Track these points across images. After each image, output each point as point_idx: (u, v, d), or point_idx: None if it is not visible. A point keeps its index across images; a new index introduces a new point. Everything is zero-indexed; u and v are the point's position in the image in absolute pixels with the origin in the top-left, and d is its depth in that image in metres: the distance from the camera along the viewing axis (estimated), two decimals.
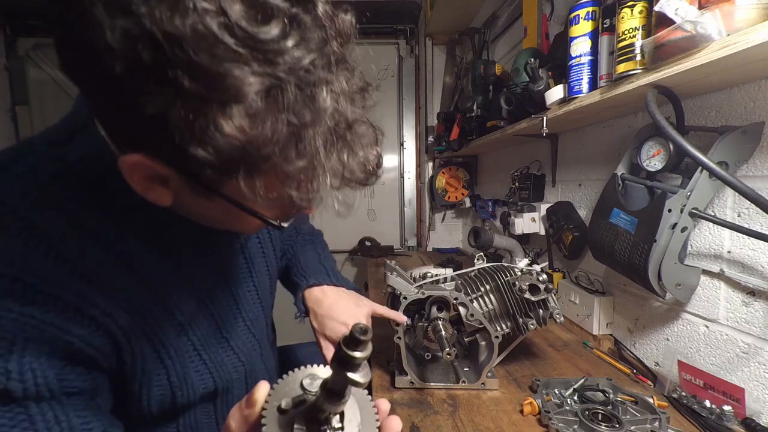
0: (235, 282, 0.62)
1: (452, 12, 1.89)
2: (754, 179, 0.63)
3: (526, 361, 0.85)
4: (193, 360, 0.54)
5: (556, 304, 0.75)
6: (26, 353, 0.38)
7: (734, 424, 0.61)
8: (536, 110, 0.95)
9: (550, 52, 1.06)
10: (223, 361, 0.59)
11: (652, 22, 0.60)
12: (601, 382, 0.70)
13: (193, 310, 0.54)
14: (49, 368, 0.40)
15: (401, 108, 2.44)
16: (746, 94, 0.64)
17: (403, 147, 2.47)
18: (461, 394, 0.73)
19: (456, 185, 2.15)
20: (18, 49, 2.21)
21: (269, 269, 0.71)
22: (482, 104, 1.47)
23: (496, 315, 0.78)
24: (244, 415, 0.33)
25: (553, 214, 1.15)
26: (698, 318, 0.74)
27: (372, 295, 1.41)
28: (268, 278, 0.71)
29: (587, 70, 0.76)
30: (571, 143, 1.16)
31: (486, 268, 0.83)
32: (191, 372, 0.54)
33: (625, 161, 0.82)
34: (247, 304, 0.64)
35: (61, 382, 0.41)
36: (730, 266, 0.67)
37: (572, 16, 0.77)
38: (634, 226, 0.74)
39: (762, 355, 0.62)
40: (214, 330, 0.58)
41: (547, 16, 1.22)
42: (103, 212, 0.45)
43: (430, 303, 0.75)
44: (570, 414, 0.63)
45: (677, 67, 0.55)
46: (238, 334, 0.62)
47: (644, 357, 0.86)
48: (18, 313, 0.38)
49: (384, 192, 2.52)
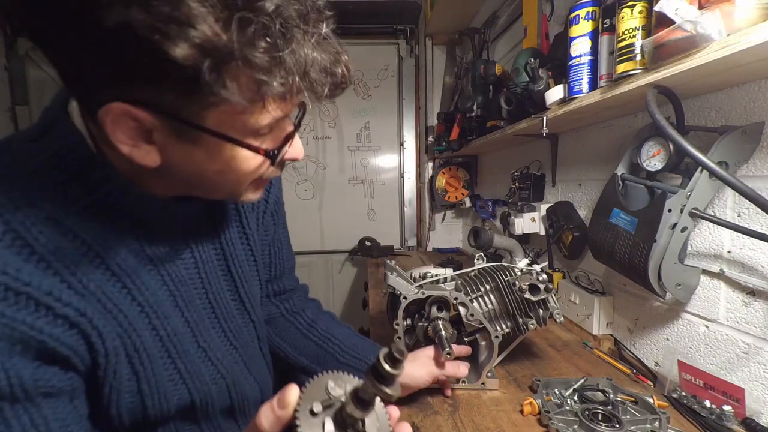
0: (215, 290, 0.60)
1: (452, 12, 1.89)
2: (754, 179, 0.63)
3: (526, 361, 0.85)
4: (168, 368, 0.52)
5: (556, 304, 0.75)
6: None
7: (734, 424, 0.61)
8: (536, 110, 0.95)
9: (550, 52, 1.06)
10: (200, 371, 0.56)
11: (652, 22, 0.60)
12: (601, 382, 0.70)
13: (169, 315, 0.53)
14: (23, 368, 0.39)
15: (401, 108, 2.44)
16: (746, 94, 0.64)
17: (403, 147, 2.47)
18: (461, 394, 0.73)
19: (456, 185, 2.15)
20: (18, 49, 2.21)
21: (259, 272, 0.68)
22: (482, 104, 1.47)
23: (496, 315, 0.78)
24: (277, 415, 0.34)
25: (553, 214, 1.15)
26: (698, 318, 0.74)
27: (372, 295, 1.41)
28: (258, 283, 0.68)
29: (587, 70, 0.76)
30: (571, 143, 1.16)
31: (486, 268, 0.83)
32: (165, 381, 0.52)
33: (625, 161, 0.82)
34: (229, 315, 0.62)
35: (36, 381, 0.40)
36: (730, 266, 0.67)
37: (572, 16, 0.77)
38: (634, 226, 0.74)
39: (762, 355, 0.62)
40: (190, 338, 0.55)
41: (547, 16, 1.22)
42: (80, 207, 0.44)
43: (430, 303, 0.75)
44: (570, 414, 0.63)
45: (677, 67, 0.55)
46: (216, 344, 0.59)
47: (644, 357, 0.86)
48: None
49: (384, 192, 2.52)
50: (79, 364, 0.44)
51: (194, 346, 0.56)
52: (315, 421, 0.33)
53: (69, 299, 0.42)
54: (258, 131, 0.42)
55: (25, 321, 0.39)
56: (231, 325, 0.62)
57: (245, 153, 0.42)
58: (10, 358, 0.38)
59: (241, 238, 0.65)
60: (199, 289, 0.58)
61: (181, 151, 0.41)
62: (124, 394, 0.48)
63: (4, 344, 0.38)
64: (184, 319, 0.55)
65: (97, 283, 0.45)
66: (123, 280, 0.47)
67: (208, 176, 0.45)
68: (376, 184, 2.52)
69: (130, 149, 0.39)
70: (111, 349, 0.46)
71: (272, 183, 0.71)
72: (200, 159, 0.42)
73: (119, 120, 0.37)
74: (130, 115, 0.37)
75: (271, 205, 0.71)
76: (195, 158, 0.42)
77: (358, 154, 2.48)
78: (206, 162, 0.43)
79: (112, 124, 0.37)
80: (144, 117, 0.37)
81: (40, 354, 0.41)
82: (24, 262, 0.40)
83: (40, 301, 0.40)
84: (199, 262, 0.58)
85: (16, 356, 0.39)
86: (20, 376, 0.39)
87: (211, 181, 0.46)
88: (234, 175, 0.45)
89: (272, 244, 0.74)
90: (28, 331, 0.39)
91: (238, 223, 0.64)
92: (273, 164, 0.46)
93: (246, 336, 0.64)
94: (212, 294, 0.60)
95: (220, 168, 0.43)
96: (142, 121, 0.38)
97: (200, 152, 0.41)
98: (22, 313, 0.39)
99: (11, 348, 0.39)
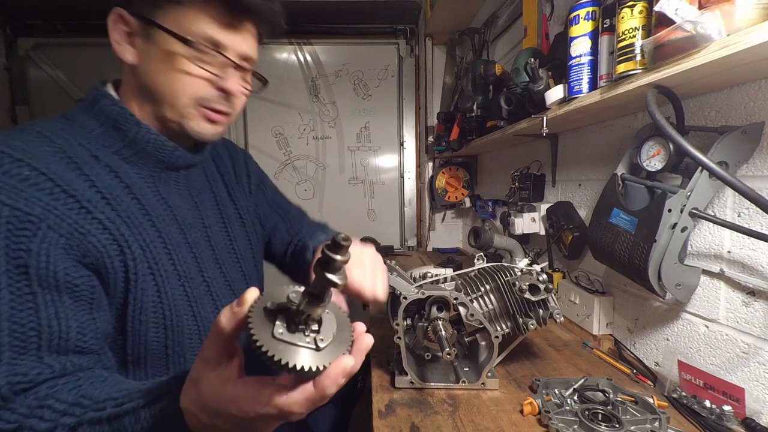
0: (216, 240, 0.72)
1: (452, 12, 1.89)
2: (754, 179, 0.63)
3: (526, 361, 0.85)
4: (178, 289, 0.61)
5: (556, 304, 0.75)
6: (47, 238, 0.47)
7: (734, 424, 0.61)
8: (536, 110, 0.95)
9: (550, 52, 1.06)
10: (203, 301, 0.65)
11: (652, 22, 0.60)
12: (601, 382, 0.70)
13: (180, 246, 0.63)
14: (62, 260, 0.48)
15: (401, 108, 2.44)
16: (746, 94, 0.64)
17: (403, 147, 2.46)
18: (461, 394, 0.73)
19: (456, 185, 2.15)
20: (18, 49, 2.21)
21: (251, 241, 0.80)
22: (482, 104, 1.47)
23: (496, 315, 0.78)
24: (234, 312, 0.35)
25: (553, 214, 1.15)
26: (698, 318, 0.74)
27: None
28: (250, 250, 0.80)
29: (587, 70, 0.76)
30: (571, 143, 1.16)
31: (486, 268, 0.83)
32: (178, 300, 0.60)
33: (625, 161, 0.82)
34: (228, 263, 0.73)
35: (66, 276, 0.49)
36: (730, 266, 0.67)
37: (572, 16, 0.77)
38: (634, 226, 0.74)
39: (762, 355, 0.62)
40: (196, 270, 0.65)
41: (547, 16, 1.22)
42: (115, 150, 0.59)
43: (430, 303, 0.75)
44: (570, 414, 0.63)
45: (677, 67, 0.55)
46: (219, 284, 0.69)
47: (644, 357, 0.86)
48: (45, 203, 0.48)
49: (384, 192, 2.52)
50: (109, 266, 0.53)
51: (200, 278, 0.65)
52: (266, 319, 0.33)
53: (103, 209, 0.53)
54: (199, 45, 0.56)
55: (70, 216, 0.50)
56: (230, 272, 0.73)
57: (180, 49, 0.56)
58: (56, 249, 0.48)
59: (231, 203, 0.79)
60: (203, 234, 0.69)
61: (146, 51, 0.58)
62: (148, 303, 0.57)
63: (54, 234, 0.48)
64: (192, 254, 0.65)
65: (126, 205, 0.57)
66: (146, 208, 0.59)
67: (159, 82, 0.58)
68: (376, 184, 2.51)
69: (120, 49, 0.58)
70: (137, 255, 0.56)
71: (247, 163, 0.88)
72: (154, 57, 0.57)
73: (117, 23, 0.57)
74: (122, 19, 0.57)
75: (253, 178, 0.88)
76: (151, 57, 0.57)
77: (358, 154, 2.48)
78: (157, 60, 0.57)
79: (113, 24, 0.57)
80: (129, 19, 0.57)
81: (79, 250, 0.50)
82: (74, 177, 0.52)
83: (82, 204, 0.51)
84: (202, 212, 0.70)
85: (60, 248, 0.48)
86: (56, 265, 0.48)
87: (161, 89, 0.58)
88: (175, 80, 0.57)
89: (271, 207, 0.91)
90: (73, 226, 0.50)
91: (227, 192, 0.79)
92: (194, 61, 0.57)
93: (243, 285, 0.74)
94: (214, 242, 0.71)
95: (165, 66, 0.57)
96: (129, 24, 0.57)
97: (154, 49, 0.57)
98: (69, 211, 0.50)
99: (58, 239, 0.48)
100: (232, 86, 0.60)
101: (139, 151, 0.60)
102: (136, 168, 0.61)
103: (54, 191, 0.49)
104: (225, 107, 0.62)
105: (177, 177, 0.67)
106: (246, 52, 0.61)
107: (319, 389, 0.34)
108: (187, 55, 0.56)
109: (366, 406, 0.74)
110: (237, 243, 0.76)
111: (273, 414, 0.34)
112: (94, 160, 0.56)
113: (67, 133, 0.56)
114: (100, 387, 0.46)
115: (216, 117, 0.62)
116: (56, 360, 0.47)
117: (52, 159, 0.52)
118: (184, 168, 0.68)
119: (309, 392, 0.34)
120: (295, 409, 0.34)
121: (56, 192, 0.50)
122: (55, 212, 0.48)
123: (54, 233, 0.48)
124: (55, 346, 0.48)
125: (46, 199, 0.49)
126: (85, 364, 0.50)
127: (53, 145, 0.54)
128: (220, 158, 0.83)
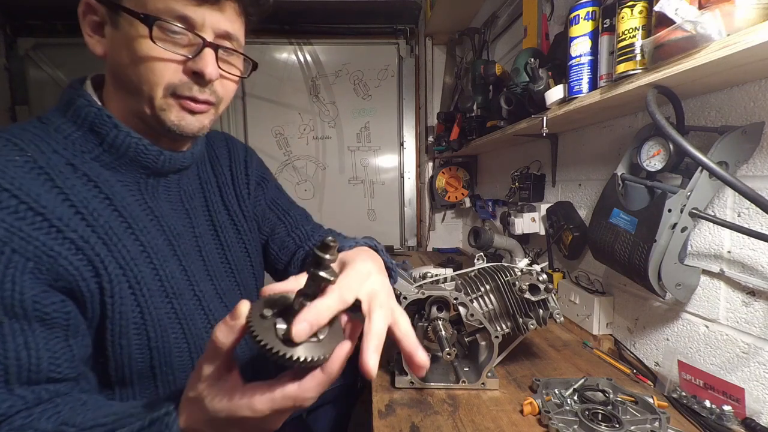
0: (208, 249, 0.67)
1: (452, 12, 1.89)
2: (754, 179, 0.63)
3: (526, 361, 0.85)
4: (165, 306, 0.57)
5: (556, 304, 0.75)
6: (11, 264, 0.43)
7: (734, 424, 0.61)
8: (536, 110, 0.95)
9: (550, 52, 1.06)
10: (194, 317, 0.60)
11: (652, 22, 0.60)
12: (601, 382, 0.70)
13: (167, 259, 0.58)
14: (29, 287, 0.44)
15: (401, 108, 2.44)
16: (746, 94, 0.64)
17: (403, 147, 2.46)
18: (461, 394, 0.73)
19: (456, 185, 2.15)
20: (18, 49, 2.21)
21: (248, 249, 0.75)
22: (482, 104, 1.47)
23: (496, 315, 0.78)
24: (229, 325, 0.36)
25: (553, 214, 1.15)
26: (698, 318, 0.74)
27: None
28: (247, 259, 0.75)
29: (587, 70, 0.76)
30: (571, 143, 1.16)
31: (486, 268, 0.83)
32: (164, 318, 0.56)
33: (625, 161, 0.82)
34: (220, 274, 0.68)
35: (35, 304, 0.44)
36: (730, 266, 0.67)
37: (572, 16, 0.77)
38: (634, 226, 0.74)
39: (762, 355, 0.62)
40: (186, 284, 0.60)
41: (547, 16, 1.22)
42: (94, 156, 0.54)
43: (430, 303, 0.75)
44: (570, 414, 0.63)
45: (677, 67, 0.55)
46: (210, 297, 0.64)
47: (644, 357, 0.86)
48: (9, 224, 0.44)
49: (384, 192, 2.52)
50: (84, 289, 0.49)
51: (190, 292, 0.61)
52: (267, 323, 0.35)
53: (76, 226, 0.48)
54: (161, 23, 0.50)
55: (38, 238, 0.45)
56: (222, 284, 0.68)
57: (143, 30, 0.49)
58: (22, 274, 0.44)
59: (225, 209, 0.73)
60: (194, 244, 0.65)
61: (113, 39, 0.52)
62: (130, 326, 0.53)
63: (19, 258, 0.44)
64: (181, 267, 0.60)
65: (105, 219, 0.52)
66: (128, 221, 0.54)
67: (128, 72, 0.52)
68: (376, 184, 2.51)
69: (91, 41, 0.54)
70: (114, 276, 0.51)
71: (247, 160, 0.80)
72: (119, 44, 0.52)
73: (87, 14, 0.53)
74: (90, 8, 0.53)
75: (252, 177, 0.79)
76: (118, 44, 0.52)
77: (358, 154, 2.48)
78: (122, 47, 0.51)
79: (83, 16, 0.53)
80: (97, 7, 0.52)
81: (50, 274, 0.46)
82: (44, 191, 0.47)
83: (52, 223, 0.46)
84: (193, 220, 0.66)
85: (28, 273, 0.44)
86: (23, 293, 0.44)
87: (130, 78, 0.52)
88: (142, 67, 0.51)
89: (269, 206, 0.82)
90: (41, 248, 0.45)
91: (219, 196, 0.73)
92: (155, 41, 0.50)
93: (236, 297, 0.69)
94: (205, 252, 0.66)
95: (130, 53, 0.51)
96: (97, 12, 0.53)
97: (118, 35, 0.51)
98: (37, 232, 0.45)
99: (25, 263, 0.44)
100: (206, 68, 0.52)
101: (120, 157, 0.55)
102: (118, 175, 0.55)
103: (19, 209, 0.44)
104: (205, 95, 0.54)
105: (167, 182, 0.61)
106: (224, 29, 0.54)
107: (327, 373, 0.36)
108: (150, 36, 0.49)
109: (366, 406, 0.74)
110: (230, 252, 0.71)
111: (289, 406, 0.36)
112: (70, 170, 0.51)
113: (40, 140, 0.51)
114: (82, 412, 0.43)
115: (196, 107, 0.55)
116: (28, 390, 0.44)
117: (20, 171, 0.47)
118: (173, 172, 0.62)
119: (319, 377, 0.36)
120: (309, 395, 0.36)
121: (22, 210, 0.44)
122: (20, 234, 0.44)
123: (20, 257, 0.43)
124: (25, 378, 0.44)
125: (10, 219, 0.44)
126: (62, 390, 0.47)
127: (23, 155, 0.48)
128: (216, 157, 0.75)
